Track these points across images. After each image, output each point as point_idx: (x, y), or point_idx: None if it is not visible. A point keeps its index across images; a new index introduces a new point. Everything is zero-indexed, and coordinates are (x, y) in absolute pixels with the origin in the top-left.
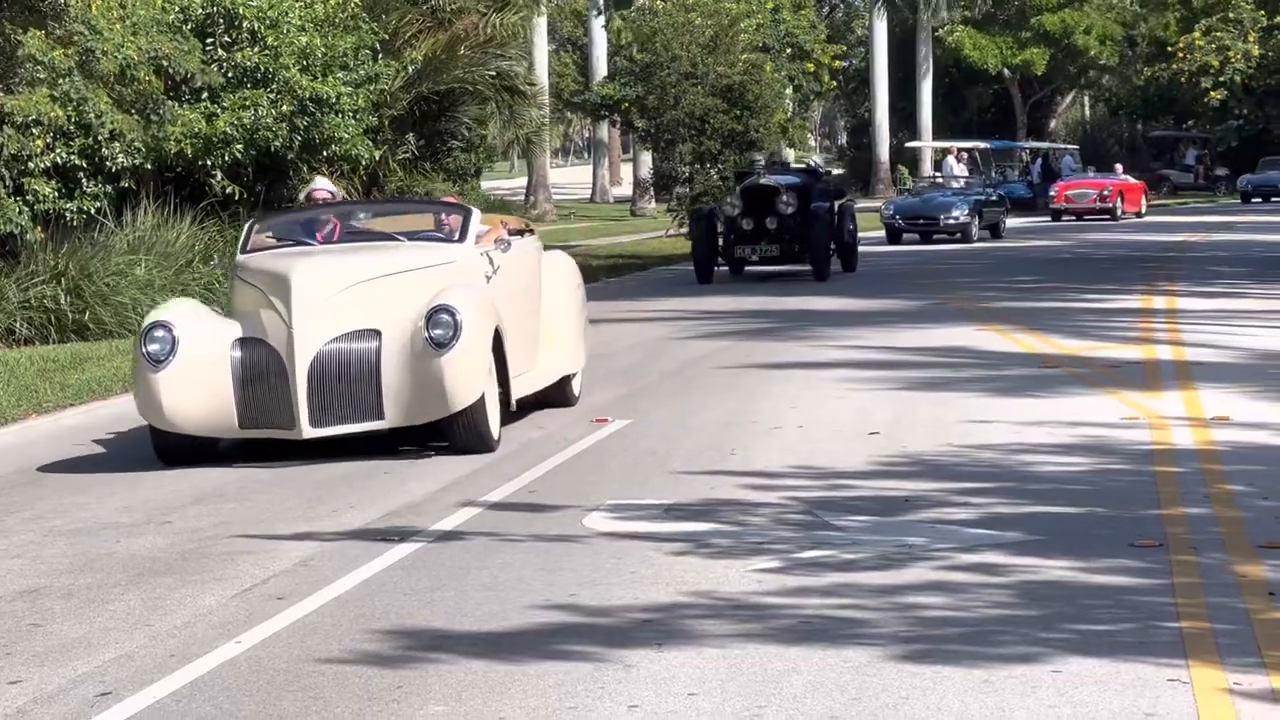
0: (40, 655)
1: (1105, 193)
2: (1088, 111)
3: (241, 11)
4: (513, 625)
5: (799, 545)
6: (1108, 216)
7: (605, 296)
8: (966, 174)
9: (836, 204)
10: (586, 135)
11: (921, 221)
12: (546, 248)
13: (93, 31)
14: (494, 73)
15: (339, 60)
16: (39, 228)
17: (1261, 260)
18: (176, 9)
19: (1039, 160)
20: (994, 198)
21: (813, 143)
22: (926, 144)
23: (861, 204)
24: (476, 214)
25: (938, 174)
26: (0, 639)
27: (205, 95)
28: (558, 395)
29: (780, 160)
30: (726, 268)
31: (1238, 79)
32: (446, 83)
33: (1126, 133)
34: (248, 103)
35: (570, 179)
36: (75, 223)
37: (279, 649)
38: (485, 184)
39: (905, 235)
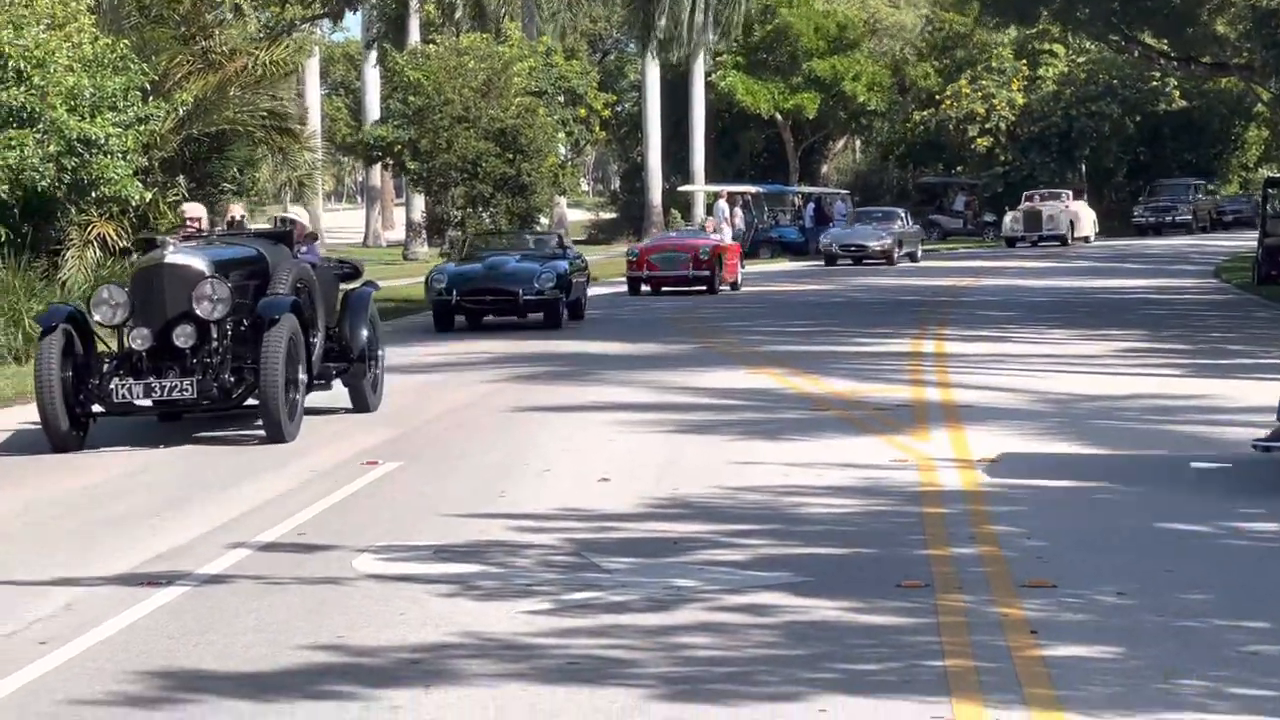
0: None
1: (701, 256)
2: (859, 156)
3: (7, 50)
4: (280, 667)
5: (567, 587)
6: (703, 288)
7: None
8: (740, 218)
9: (342, 292)
10: (359, 179)
11: (488, 299)
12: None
13: None
14: (265, 113)
15: (108, 101)
16: None
17: (1028, 304)
18: None
19: (811, 204)
20: (581, 265)
21: (585, 187)
22: (699, 188)
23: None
24: None
25: (709, 217)
26: None
27: None
28: None
29: (233, 218)
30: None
31: (1003, 126)
32: (217, 124)
33: (897, 178)
34: (13, 143)
35: (343, 223)
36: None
37: (41, 693)
38: (257, 227)
39: (459, 316)
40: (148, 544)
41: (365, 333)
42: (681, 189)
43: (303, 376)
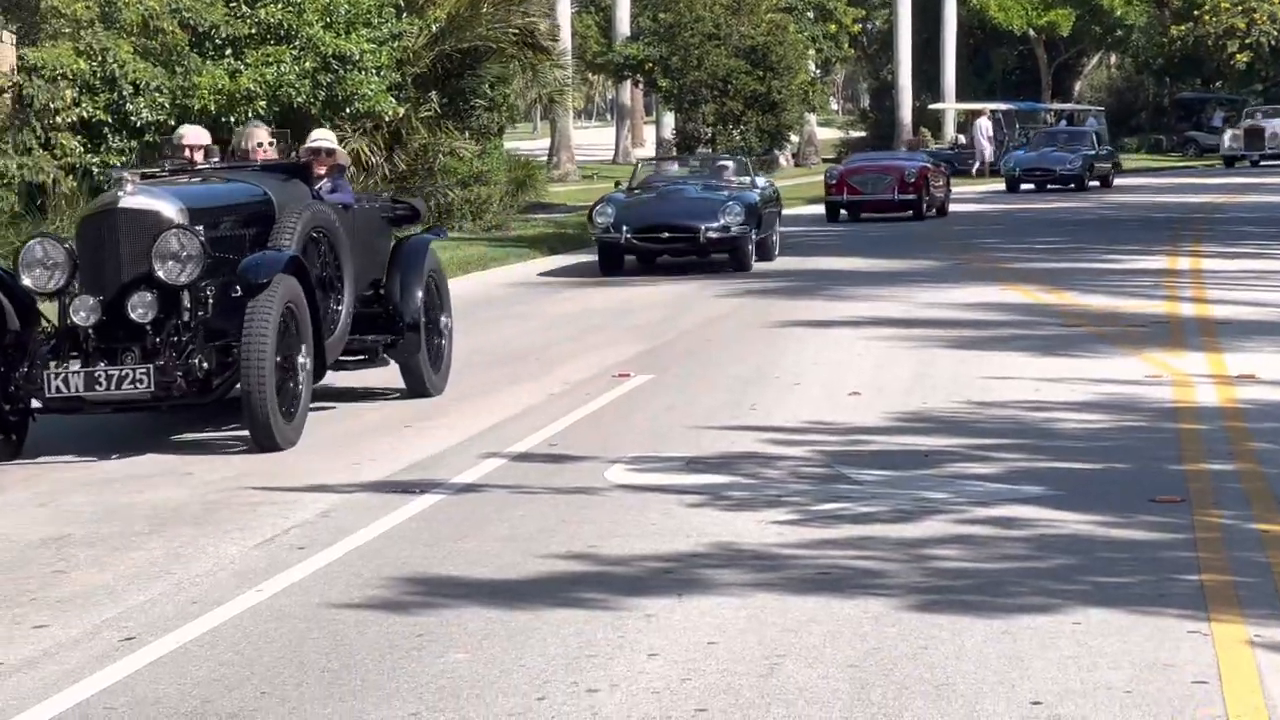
0: (65, 601)
1: (907, 178)
2: (1113, 73)
3: None
4: (533, 575)
5: (817, 498)
6: (910, 213)
7: None
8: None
9: (384, 241)
10: (609, 97)
11: (664, 236)
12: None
13: None
14: (516, 30)
15: (362, 17)
16: (70, 178)
17: None
18: None
19: (1063, 122)
20: (773, 195)
21: (834, 106)
22: (950, 106)
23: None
24: None
25: (962, 136)
26: (26, 584)
27: (229, 51)
28: None
29: (238, 146)
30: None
31: (1264, 41)
32: (469, 40)
33: (1153, 94)
34: (271, 59)
35: (593, 140)
36: (101, 177)
37: (300, 597)
38: (508, 144)
39: (629, 256)
40: (402, 453)
41: (420, 294)
42: (931, 107)
43: (303, 360)
